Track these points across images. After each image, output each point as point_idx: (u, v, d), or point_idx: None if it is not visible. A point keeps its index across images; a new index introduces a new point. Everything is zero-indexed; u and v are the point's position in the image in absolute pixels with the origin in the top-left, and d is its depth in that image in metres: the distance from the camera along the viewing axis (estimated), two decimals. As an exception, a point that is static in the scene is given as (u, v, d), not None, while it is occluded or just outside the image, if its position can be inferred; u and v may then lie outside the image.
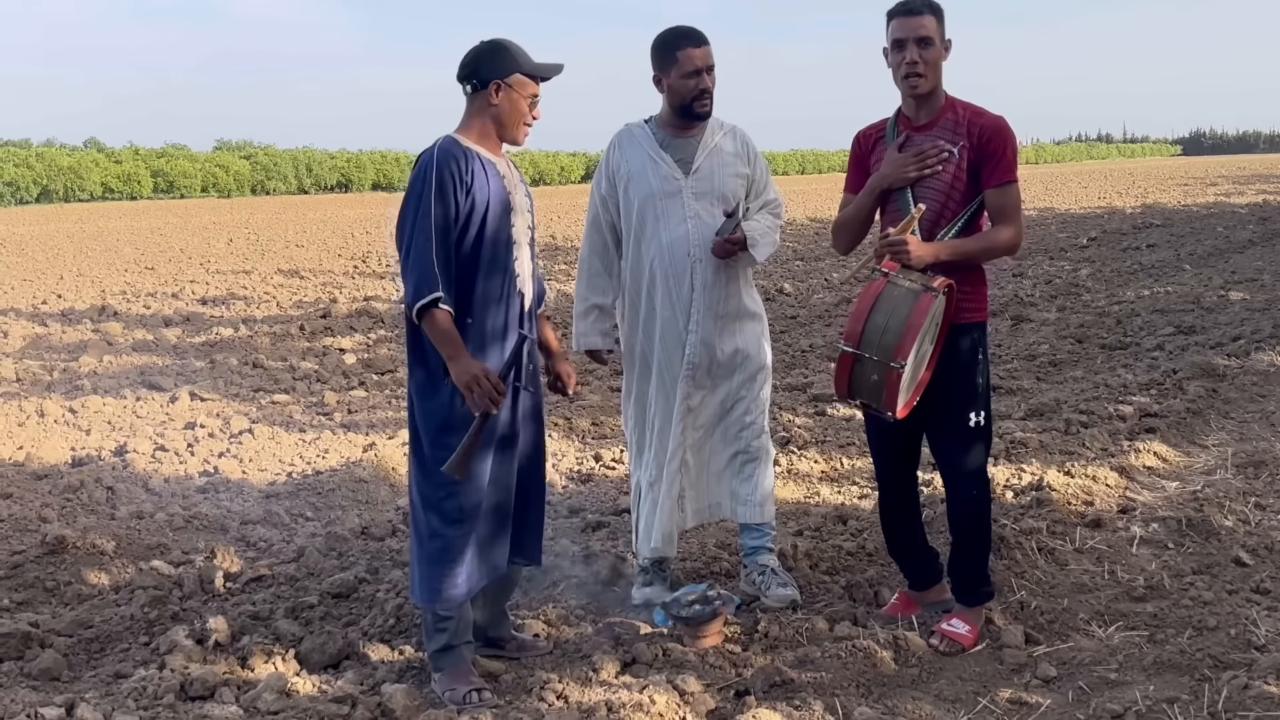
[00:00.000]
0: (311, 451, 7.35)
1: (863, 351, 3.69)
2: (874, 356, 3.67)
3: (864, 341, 3.68)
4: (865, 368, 3.71)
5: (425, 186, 3.65)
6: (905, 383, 3.70)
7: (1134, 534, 4.92)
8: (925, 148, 3.85)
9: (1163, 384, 7.90)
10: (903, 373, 3.62)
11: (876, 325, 3.66)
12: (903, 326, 3.61)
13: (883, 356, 3.65)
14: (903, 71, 3.83)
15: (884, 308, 3.67)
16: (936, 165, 3.84)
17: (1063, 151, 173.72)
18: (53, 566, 5.05)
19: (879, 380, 3.68)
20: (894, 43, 3.84)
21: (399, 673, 3.98)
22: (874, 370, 3.69)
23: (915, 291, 3.66)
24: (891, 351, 3.62)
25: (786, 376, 9.06)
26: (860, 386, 3.76)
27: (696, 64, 4.22)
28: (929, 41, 3.80)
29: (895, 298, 3.67)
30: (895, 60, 3.86)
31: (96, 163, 74.59)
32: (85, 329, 13.02)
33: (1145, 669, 3.72)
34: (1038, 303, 12.58)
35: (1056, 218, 26.69)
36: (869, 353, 3.68)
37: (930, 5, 3.83)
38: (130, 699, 3.74)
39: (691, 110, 4.28)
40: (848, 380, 3.77)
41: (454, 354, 3.62)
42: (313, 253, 24.00)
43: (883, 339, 3.65)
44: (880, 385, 3.68)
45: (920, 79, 3.82)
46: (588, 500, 6.09)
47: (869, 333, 3.67)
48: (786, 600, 4.36)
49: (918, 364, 3.82)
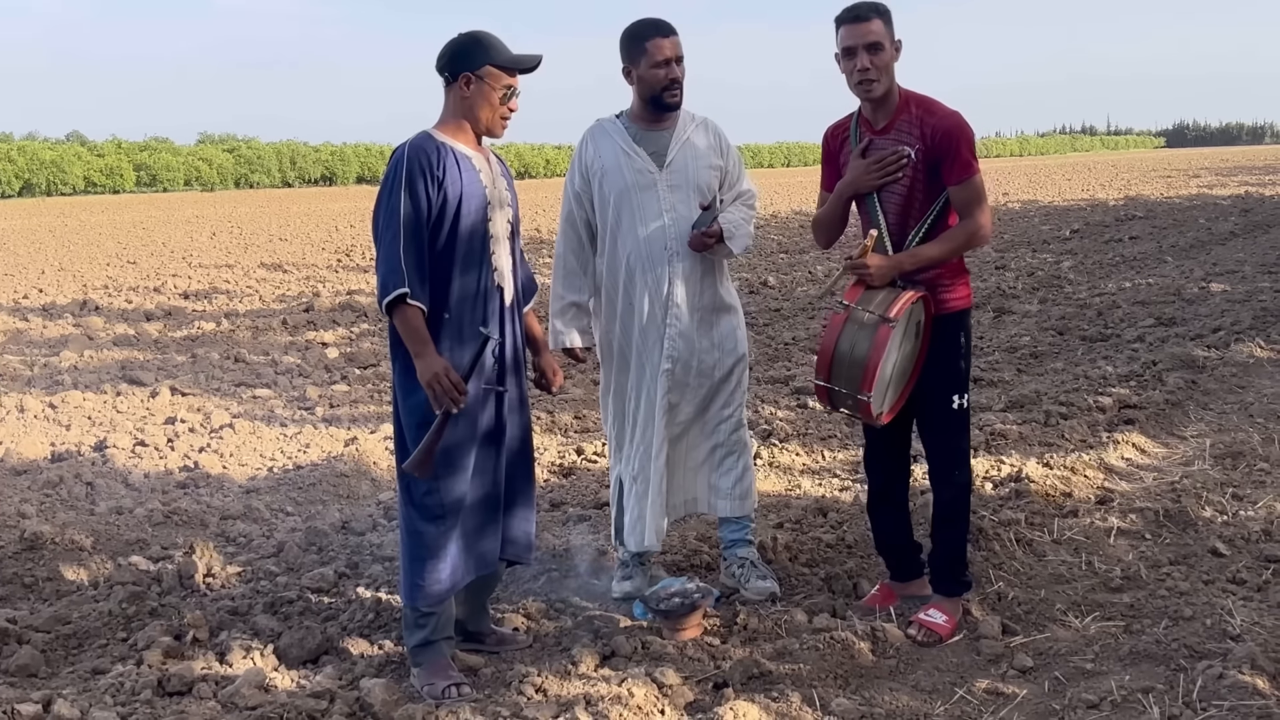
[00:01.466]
0: (293, 446, 7.33)
1: (833, 385, 3.85)
2: (843, 389, 3.83)
3: (833, 375, 3.84)
4: (839, 395, 3.87)
5: (395, 182, 3.66)
6: (880, 401, 3.85)
7: (1112, 525, 4.94)
8: (885, 155, 3.89)
9: (1142, 375, 7.94)
10: (869, 402, 3.76)
11: (841, 358, 3.81)
12: (865, 361, 3.74)
13: (851, 389, 3.81)
14: (855, 79, 3.87)
15: (846, 339, 3.81)
16: (896, 171, 3.89)
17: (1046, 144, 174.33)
18: (31, 562, 5.02)
19: (854, 405, 3.85)
20: (844, 50, 3.87)
21: (378, 667, 3.98)
22: (847, 398, 3.85)
23: (874, 324, 3.76)
24: (858, 384, 3.77)
25: (769, 369, 9.06)
26: (841, 405, 3.93)
27: (665, 54, 4.22)
28: (878, 46, 3.83)
29: (855, 333, 3.80)
30: (847, 68, 3.89)
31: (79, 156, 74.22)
32: (66, 324, 12.96)
33: (1121, 659, 3.74)
34: (1020, 295, 12.62)
35: (1039, 210, 26.79)
36: (839, 385, 3.84)
37: (877, 8, 3.85)
38: (108, 695, 3.73)
39: (661, 101, 4.28)
40: (829, 402, 3.96)
41: (420, 350, 3.62)
42: (296, 246, 23.93)
43: (849, 372, 3.80)
44: (855, 408, 3.86)
45: (873, 83, 3.85)
46: (569, 494, 6.09)
47: (836, 366, 3.83)
48: (766, 593, 4.37)
49: (904, 366, 3.95)
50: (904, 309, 3.76)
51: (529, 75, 3.91)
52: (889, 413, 3.95)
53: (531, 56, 3.86)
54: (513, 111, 3.87)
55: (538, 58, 3.87)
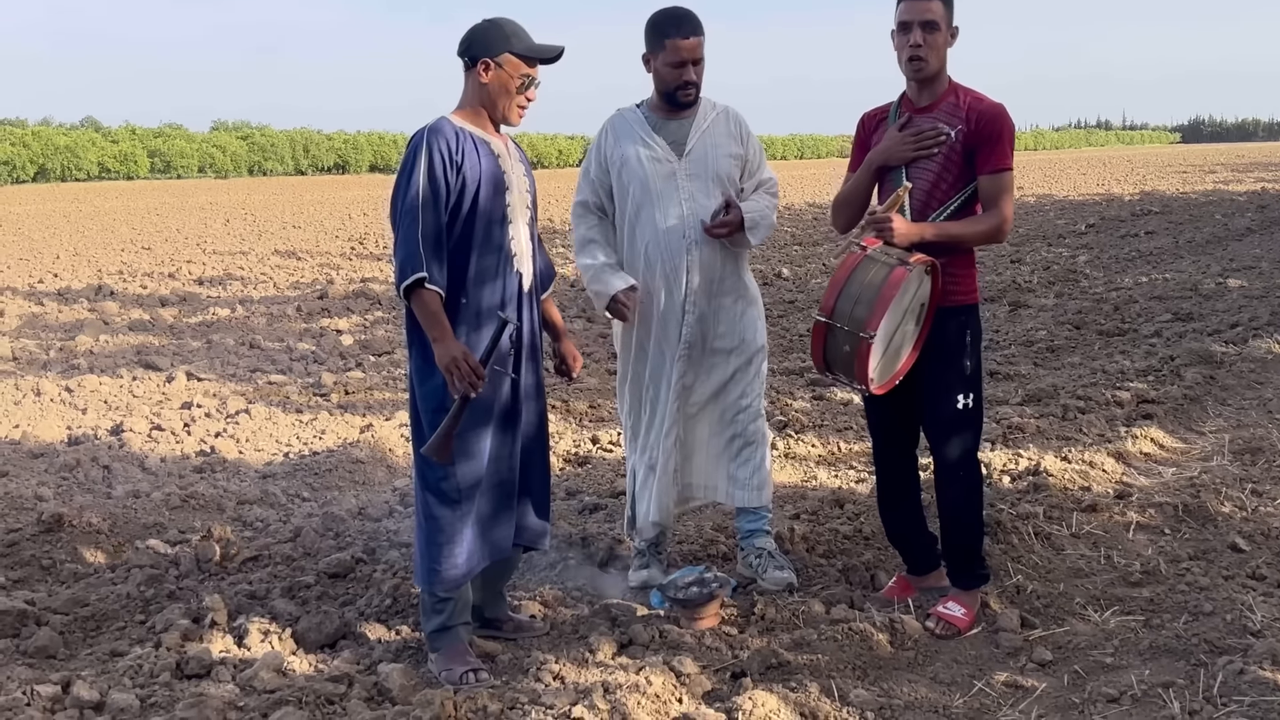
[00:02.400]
0: (308, 432, 7.34)
1: (835, 322, 3.73)
2: (845, 327, 3.71)
3: (836, 312, 3.72)
4: (838, 338, 3.75)
5: (414, 166, 3.66)
6: (879, 355, 3.72)
7: (1131, 519, 4.92)
8: (924, 129, 3.86)
9: (1160, 370, 7.91)
10: (873, 344, 3.64)
11: (850, 296, 3.70)
12: (875, 298, 3.63)
13: (854, 328, 3.68)
14: (906, 54, 3.84)
15: (858, 279, 3.70)
16: (933, 147, 3.84)
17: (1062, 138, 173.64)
18: (49, 545, 5.04)
19: (850, 351, 3.71)
20: (900, 25, 3.85)
21: (395, 652, 3.98)
22: (845, 341, 3.72)
23: (890, 265, 3.68)
24: (862, 323, 3.65)
25: (784, 360, 9.04)
26: (835, 358, 3.80)
27: (683, 56, 4.19)
28: (934, 26, 3.80)
29: (870, 271, 3.70)
30: (900, 43, 3.86)
31: (93, 142, 74.41)
32: (82, 308, 12.99)
33: (1141, 653, 3.73)
34: (1036, 289, 12.58)
35: (1055, 204, 26.69)
36: (841, 323, 3.72)
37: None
38: (126, 677, 3.74)
39: (675, 99, 4.28)
40: (822, 351, 3.82)
41: (438, 335, 3.62)
42: (309, 234, 23.96)
43: (854, 310, 3.68)
44: (852, 356, 3.71)
45: (923, 63, 3.82)
46: (585, 482, 6.09)
47: (842, 303, 3.71)
48: (783, 583, 4.36)
49: (900, 343, 3.84)
50: (921, 262, 3.70)
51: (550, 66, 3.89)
52: (882, 386, 3.82)
53: (552, 47, 3.84)
54: (530, 101, 3.85)
55: (559, 49, 3.85)
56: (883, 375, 3.82)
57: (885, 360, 3.80)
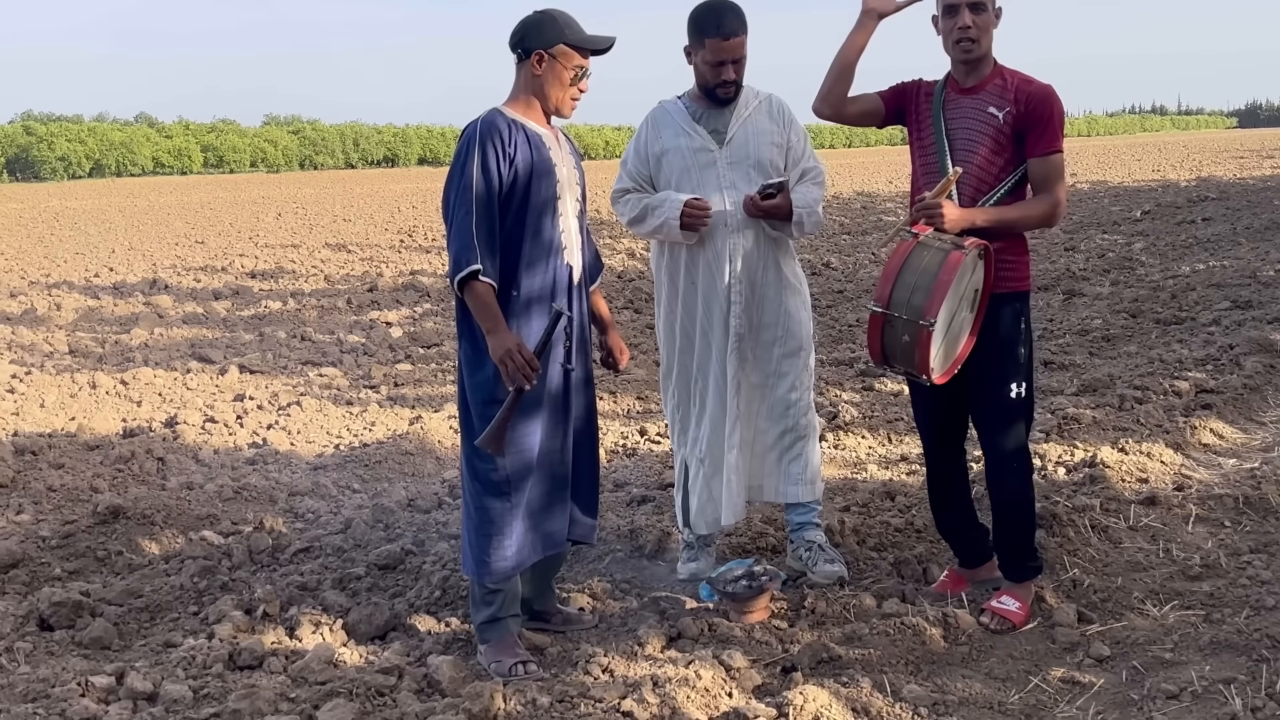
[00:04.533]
0: (358, 424, 7.39)
1: (892, 311, 3.66)
2: (904, 316, 3.63)
3: (893, 302, 3.65)
4: (895, 328, 3.68)
5: (468, 159, 3.65)
6: (939, 344, 3.65)
7: (1190, 512, 4.82)
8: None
9: (1219, 360, 7.75)
10: (933, 331, 3.57)
11: (906, 284, 3.63)
12: (932, 284, 3.56)
13: (912, 315, 3.61)
14: (954, 37, 3.78)
15: (913, 266, 3.63)
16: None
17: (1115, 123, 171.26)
18: (104, 536, 5.10)
19: (910, 341, 3.64)
20: (946, 8, 3.79)
21: (445, 644, 3.99)
22: (904, 330, 3.65)
23: (945, 250, 3.61)
24: (921, 310, 3.58)
25: (833, 351, 8.97)
26: (893, 350, 3.73)
27: (722, 56, 4.13)
28: (981, 7, 3.75)
29: (924, 257, 3.63)
30: (946, 26, 3.80)
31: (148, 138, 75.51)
32: (136, 302, 13.18)
33: (1201, 649, 3.65)
34: (1090, 276, 12.39)
35: (1109, 191, 26.29)
36: (899, 312, 3.64)
37: None
38: (180, 668, 3.78)
39: (714, 96, 4.23)
40: (880, 343, 3.75)
41: (492, 327, 3.61)
42: (359, 227, 24.15)
43: (912, 298, 3.61)
44: (912, 346, 3.64)
45: (973, 44, 3.77)
46: (633, 474, 6.07)
47: (898, 292, 3.64)
48: (834, 576, 4.31)
49: (957, 330, 3.77)
50: (975, 245, 3.62)
51: (601, 57, 3.87)
52: (943, 375, 3.75)
53: (605, 38, 3.82)
54: (583, 92, 3.84)
55: (611, 39, 3.83)
56: (943, 364, 3.75)
57: (945, 348, 3.73)
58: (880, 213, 22.80)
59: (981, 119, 3.79)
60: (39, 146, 70.12)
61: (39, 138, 70.85)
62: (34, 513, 5.59)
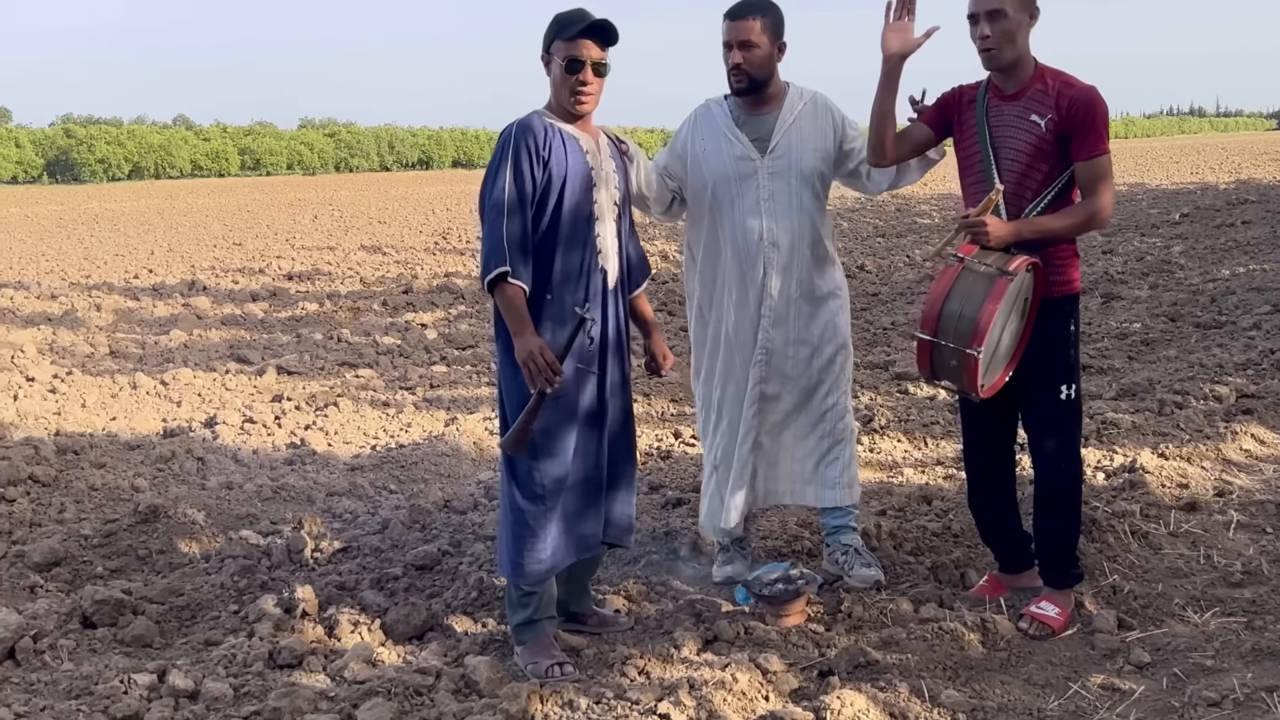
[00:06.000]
0: (395, 425, 7.43)
1: (939, 339, 3.66)
2: (950, 344, 3.64)
3: (940, 329, 3.65)
4: (943, 354, 3.68)
5: (502, 161, 3.67)
6: (986, 365, 3.64)
7: (1231, 518, 4.77)
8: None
9: (1260, 364, 7.65)
10: (979, 359, 3.57)
11: (952, 312, 3.62)
12: (978, 313, 3.56)
13: (959, 343, 3.61)
14: (978, 46, 3.77)
15: (959, 294, 3.63)
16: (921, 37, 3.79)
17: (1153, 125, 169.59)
18: (145, 535, 5.16)
19: (958, 365, 3.65)
20: (969, 16, 3.79)
21: (482, 645, 4.01)
22: (952, 356, 3.66)
23: (991, 276, 3.59)
24: (968, 338, 3.58)
25: (868, 354, 8.94)
26: (941, 370, 3.74)
27: (728, 38, 4.10)
28: (999, 14, 3.70)
29: (970, 283, 3.62)
30: (971, 33, 3.79)
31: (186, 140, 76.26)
32: (175, 303, 13.31)
33: (1243, 656, 3.61)
34: (1128, 280, 12.27)
35: (1147, 193, 26.02)
36: (945, 340, 3.65)
37: None
38: (220, 666, 3.82)
39: (730, 84, 4.18)
40: (929, 365, 3.76)
41: (518, 329, 3.62)
42: (394, 229, 24.27)
43: (958, 326, 3.61)
44: (960, 370, 3.65)
45: (995, 53, 3.74)
46: (667, 477, 6.07)
47: (945, 320, 3.64)
48: (870, 580, 4.30)
49: (1008, 344, 3.76)
50: (1021, 268, 3.61)
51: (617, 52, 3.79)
52: (991, 388, 3.75)
53: (579, 16, 3.70)
54: (585, 84, 3.72)
55: (585, 18, 3.70)
56: (990, 378, 3.76)
57: (996, 358, 3.74)
58: (915, 215, 22.66)
59: (1024, 128, 3.75)
60: (79, 149, 71.02)
61: (79, 140, 71.77)
62: (76, 511, 5.66)
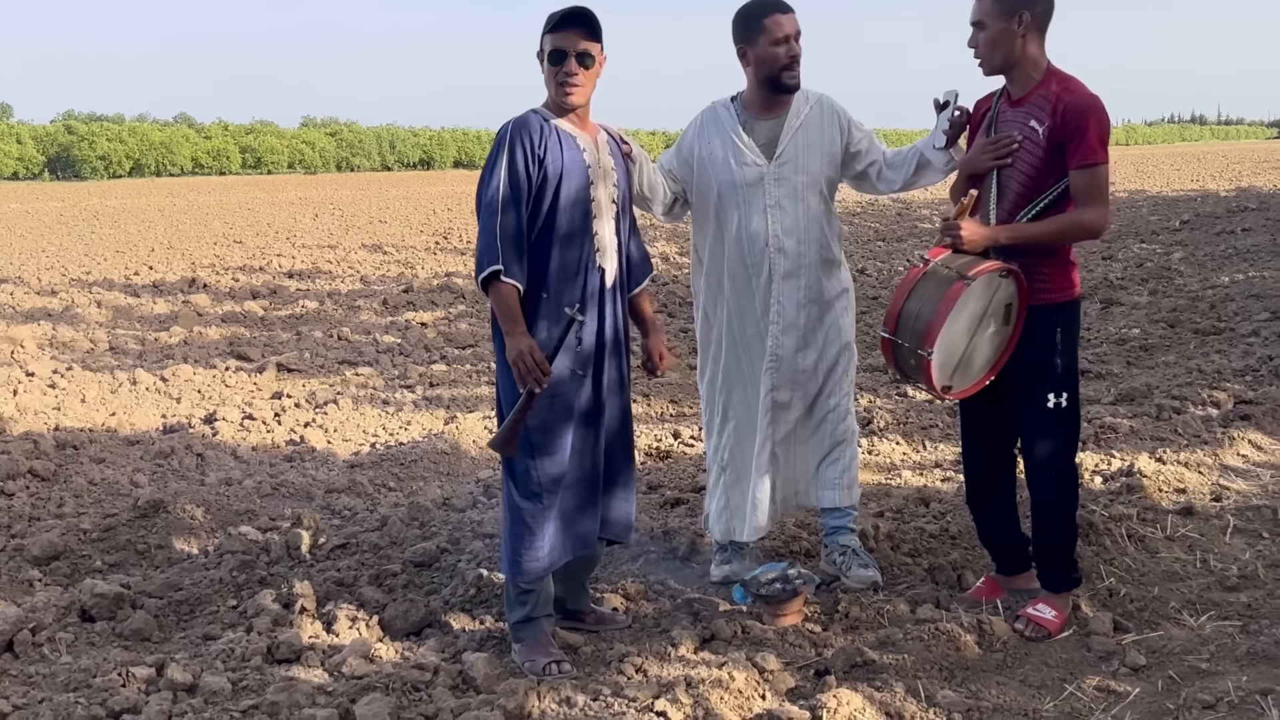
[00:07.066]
0: (394, 423, 7.44)
1: (898, 338, 3.75)
2: (906, 343, 3.72)
3: (899, 328, 3.74)
4: (903, 353, 3.76)
5: (497, 159, 3.67)
6: (947, 367, 3.71)
7: (1227, 523, 4.79)
8: (1000, 138, 3.81)
9: (1258, 370, 7.67)
10: (931, 360, 3.64)
11: (910, 312, 3.70)
12: (931, 314, 3.62)
13: (914, 343, 3.68)
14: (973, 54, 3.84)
15: (918, 295, 3.70)
16: (1007, 157, 3.79)
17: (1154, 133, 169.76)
18: (144, 530, 5.17)
19: (916, 365, 3.72)
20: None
21: (479, 642, 4.02)
22: (910, 356, 3.73)
23: (950, 279, 3.64)
24: (921, 338, 3.65)
25: (868, 358, 8.94)
26: (905, 368, 3.83)
27: (785, 30, 4.06)
28: (981, 25, 3.77)
29: (930, 286, 3.69)
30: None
31: (187, 138, 76.23)
32: (175, 300, 13.32)
33: (1238, 660, 3.62)
34: (1128, 286, 12.29)
35: (1148, 200, 26.06)
36: (903, 339, 3.73)
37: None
38: (219, 660, 3.83)
39: (780, 82, 4.12)
40: (894, 362, 3.86)
41: (510, 328, 3.63)
42: (395, 228, 24.29)
43: (914, 325, 3.68)
44: (919, 369, 3.72)
45: (979, 61, 3.82)
46: (666, 476, 6.09)
47: (903, 319, 3.72)
48: (868, 581, 4.31)
49: (975, 348, 3.77)
50: (984, 273, 3.63)
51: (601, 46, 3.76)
52: (962, 392, 3.80)
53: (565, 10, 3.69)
54: (570, 76, 3.69)
55: (563, 10, 3.69)
56: (961, 382, 3.79)
57: (959, 368, 3.77)
58: (915, 219, 22.69)
59: (1023, 133, 3.77)
60: (80, 146, 70.99)
61: (80, 137, 71.74)
62: (75, 506, 5.67)
